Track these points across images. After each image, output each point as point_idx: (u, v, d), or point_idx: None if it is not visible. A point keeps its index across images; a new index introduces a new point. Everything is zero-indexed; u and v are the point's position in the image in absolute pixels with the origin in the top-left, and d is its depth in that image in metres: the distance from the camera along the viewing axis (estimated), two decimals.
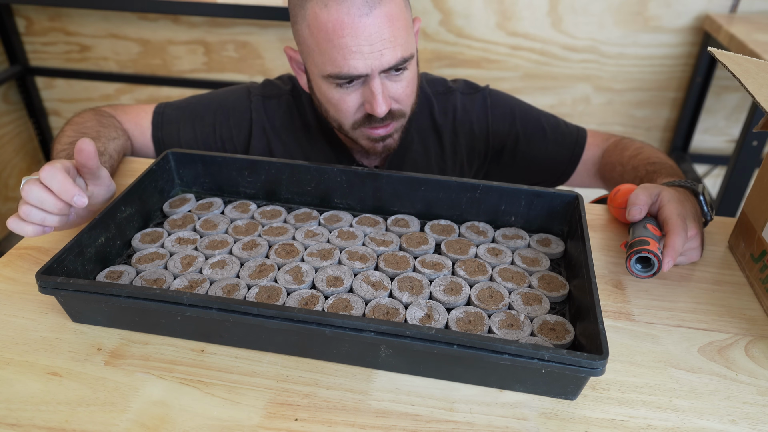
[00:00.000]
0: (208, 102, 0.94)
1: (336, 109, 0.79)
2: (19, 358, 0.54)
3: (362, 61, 0.72)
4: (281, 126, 0.93)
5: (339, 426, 0.48)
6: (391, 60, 0.73)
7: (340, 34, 0.70)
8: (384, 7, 0.71)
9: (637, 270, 0.62)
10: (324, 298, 0.59)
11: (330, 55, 0.72)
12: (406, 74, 0.78)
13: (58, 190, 0.58)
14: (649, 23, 1.59)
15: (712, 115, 1.72)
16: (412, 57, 0.77)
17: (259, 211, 0.74)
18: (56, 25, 1.83)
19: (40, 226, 0.60)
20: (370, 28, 0.70)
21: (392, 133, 0.82)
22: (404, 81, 0.78)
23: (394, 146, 0.85)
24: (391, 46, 0.72)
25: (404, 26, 0.74)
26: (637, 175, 0.83)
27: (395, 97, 0.78)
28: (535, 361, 0.47)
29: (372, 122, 0.79)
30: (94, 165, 0.62)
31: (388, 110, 0.76)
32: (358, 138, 0.83)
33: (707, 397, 0.52)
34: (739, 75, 0.58)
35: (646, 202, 0.66)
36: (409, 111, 0.82)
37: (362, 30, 0.70)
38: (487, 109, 0.95)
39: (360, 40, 0.70)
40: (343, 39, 0.70)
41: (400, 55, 0.74)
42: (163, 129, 0.92)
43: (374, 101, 0.75)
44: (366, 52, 0.71)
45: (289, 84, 0.95)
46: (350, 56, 0.71)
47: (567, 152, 0.95)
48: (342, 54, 0.71)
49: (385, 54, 0.72)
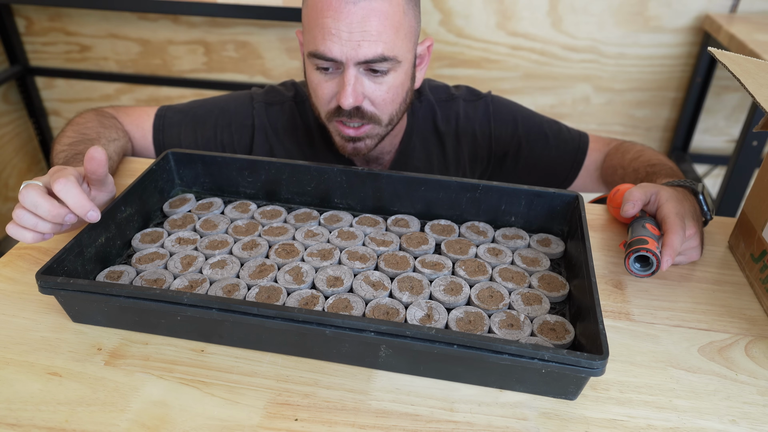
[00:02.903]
0: (210, 107, 0.94)
1: (315, 94, 0.79)
2: (19, 358, 0.54)
3: (338, 46, 0.71)
4: (283, 132, 0.93)
5: (339, 426, 0.48)
6: (367, 53, 0.72)
7: (324, 14, 0.71)
8: (375, 1, 0.70)
9: (636, 269, 0.62)
10: (324, 298, 0.59)
11: (313, 33, 0.73)
12: (388, 79, 0.76)
13: (73, 205, 0.58)
14: (649, 23, 1.59)
15: (712, 115, 1.72)
16: (398, 62, 0.75)
17: (259, 211, 0.74)
18: (56, 25, 1.83)
19: (37, 233, 0.59)
20: (353, 16, 0.70)
21: (363, 138, 0.80)
22: (384, 86, 0.76)
23: (365, 152, 0.83)
24: (372, 39, 0.71)
25: (395, 27, 0.73)
26: (638, 177, 0.83)
27: (371, 98, 0.76)
28: (535, 361, 0.47)
29: (341, 115, 0.77)
30: (104, 173, 0.62)
31: (356, 105, 0.75)
32: (333, 133, 0.82)
33: (707, 397, 0.52)
34: (739, 75, 0.58)
35: (640, 198, 0.67)
36: (386, 119, 0.80)
37: (345, 15, 0.70)
38: (489, 115, 0.95)
39: (340, 25, 0.71)
40: (325, 19, 0.71)
41: (380, 51, 0.72)
42: (164, 132, 0.92)
43: (342, 91, 0.74)
44: (344, 38, 0.71)
45: (292, 90, 0.95)
46: (328, 37, 0.72)
47: (569, 158, 0.95)
48: (322, 33, 0.72)
49: (362, 45, 0.71)
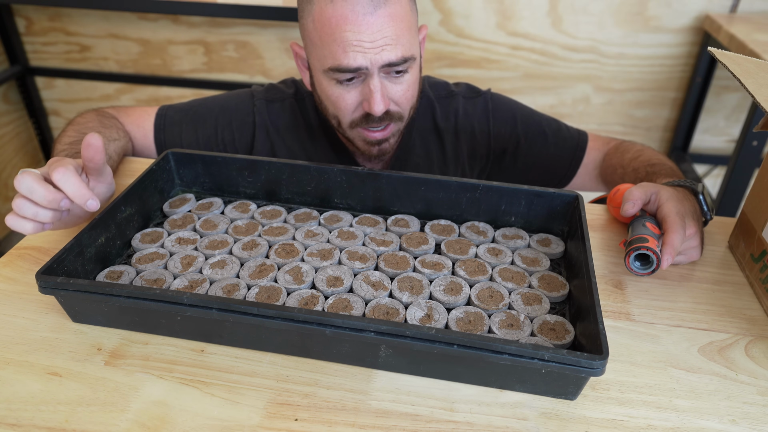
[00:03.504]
0: (211, 105, 0.94)
1: (335, 107, 0.80)
2: (19, 358, 0.54)
3: (362, 55, 0.72)
4: (285, 129, 0.93)
5: (339, 426, 0.48)
6: (391, 57, 0.73)
7: (343, 28, 0.71)
8: (389, 7, 0.72)
9: (636, 267, 0.62)
10: (324, 298, 0.59)
11: (331, 48, 0.73)
12: (407, 77, 0.78)
13: (72, 194, 0.58)
14: (649, 23, 1.59)
15: (712, 115, 1.72)
16: (414, 59, 0.77)
17: (259, 211, 0.74)
18: (56, 25, 1.83)
19: (37, 223, 0.59)
20: (373, 26, 0.71)
21: (389, 138, 0.82)
22: (404, 84, 0.78)
23: (390, 151, 0.85)
24: (393, 43, 0.73)
25: (408, 27, 0.75)
26: (638, 176, 0.83)
27: (394, 98, 0.78)
28: (535, 361, 0.47)
29: (369, 122, 0.79)
30: (101, 160, 0.62)
31: (385, 110, 0.77)
32: (355, 138, 0.83)
33: (707, 397, 0.52)
34: (739, 75, 0.58)
35: (640, 198, 0.67)
36: (407, 115, 0.82)
37: (365, 27, 0.71)
38: (488, 112, 0.95)
39: (362, 36, 0.71)
40: (345, 33, 0.71)
41: (401, 53, 0.74)
42: (165, 131, 0.92)
43: (372, 99, 0.75)
44: (367, 47, 0.72)
45: (292, 87, 0.95)
46: (350, 49, 0.72)
47: (568, 156, 0.95)
48: (342, 47, 0.72)
49: (385, 50, 0.73)
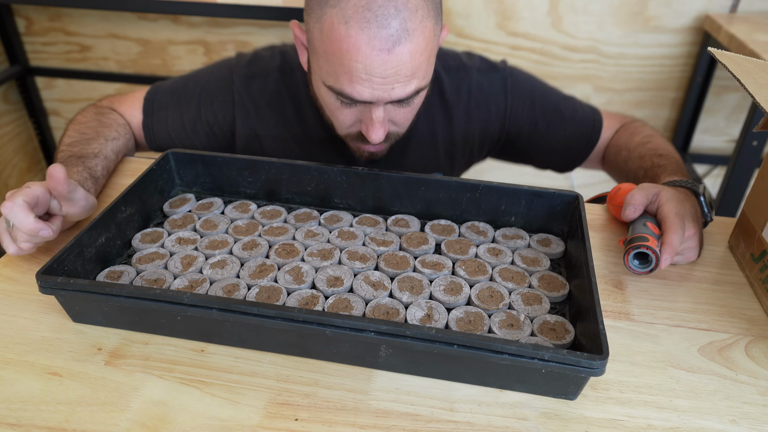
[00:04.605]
0: (193, 85, 0.90)
1: (331, 116, 0.74)
2: (19, 358, 0.54)
3: (369, 90, 0.65)
4: (268, 108, 0.86)
5: (339, 426, 0.48)
6: (401, 94, 0.66)
7: (353, 57, 0.62)
8: (410, 43, 0.62)
9: (635, 266, 0.63)
10: (324, 298, 0.59)
11: (335, 69, 0.65)
12: (415, 101, 0.71)
13: (21, 228, 0.59)
14: (649, 23, 1.59)
15: (712, 115, 1.72)
16: (426, 87, 0.70)
17: (259, 211, 0.74)
18: (56, 25, 1.83)
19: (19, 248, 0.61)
20: (387, 63, 0.63)
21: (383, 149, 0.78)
22: (409, 108, 0.71)
23: (382, 156, 0.80)
24: (406, 80, 0.65)
25: (428, 58, 0.66)
26: (642, 164, 0.80)
27: (395, 120, 0.72)
28: (536, 361, 0.47)
29: (365, 140, 0.74)
30: (65, 190, 0.62)
31: (384, 136, 0.71)
32: (348, 142, 0.79)
33: (707, 397, 0.52)
34: (739, 75, 0.58)
35: (641, 202, 0.66)
36: (406, 128, 0.77)
37: (379, 63, 0.62)
38: (507, 90, 0.87)
39: (372, 72, 0.63)
40: (354, 63, 0.63)
41: (413, 88, 0.66)
42: (153, 117, 0.90)
43: (371, 128, 0.69)
44: (376, 84, 0.64)
45: (278, 59, 0.87)
46: (357, 82, 0.64)
47: (583, 140, 0.90)
48: (349, 77, 0.64)
49: (396, 88, 0.65)
